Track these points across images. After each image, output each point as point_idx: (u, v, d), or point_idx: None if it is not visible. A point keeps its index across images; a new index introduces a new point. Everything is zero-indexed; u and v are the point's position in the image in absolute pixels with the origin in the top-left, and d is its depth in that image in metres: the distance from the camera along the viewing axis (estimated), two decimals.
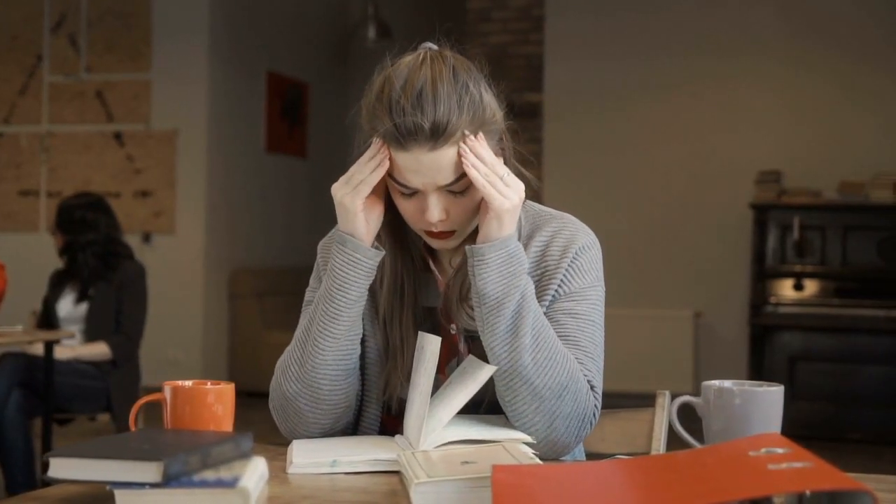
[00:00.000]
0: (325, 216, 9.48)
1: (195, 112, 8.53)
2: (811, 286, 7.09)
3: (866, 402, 6.83)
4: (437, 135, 1.64)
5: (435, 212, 1.69)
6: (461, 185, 1.69)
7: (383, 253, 1.74)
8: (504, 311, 1.65)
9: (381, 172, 1.68)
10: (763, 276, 7.14)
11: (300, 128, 9.85)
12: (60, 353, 4.68)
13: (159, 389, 1.56)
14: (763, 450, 1.17)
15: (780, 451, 1.16)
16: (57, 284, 5.04)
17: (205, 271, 8.58)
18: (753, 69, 7.81)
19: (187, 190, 8.54)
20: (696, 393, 1.56)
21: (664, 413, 2.07)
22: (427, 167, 1.66)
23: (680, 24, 7.97)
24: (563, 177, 8.03)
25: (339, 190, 1.72)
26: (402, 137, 1.64)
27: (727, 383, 1.49)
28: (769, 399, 1.46)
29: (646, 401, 2.09)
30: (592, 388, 1.72)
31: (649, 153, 8.00)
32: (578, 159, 8.09)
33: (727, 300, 7.78)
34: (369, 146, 1.71)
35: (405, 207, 1.73)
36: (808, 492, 1.14)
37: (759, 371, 6.98)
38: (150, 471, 1.25)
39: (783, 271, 7.13)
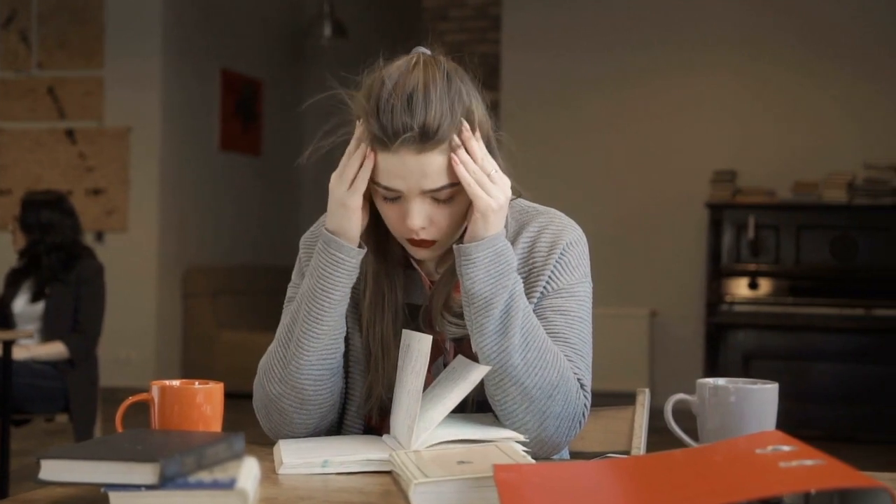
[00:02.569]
0: (279, 214, 9.41)
1: (148, 109, 8.45)
2: (765, 285, 7.15)
3: (820, 399, 6.90)
4: (426, 138, 1.61)
5: (416, 219, 1.66)
6: (446, 194, 1.66)
7: (365, 251, 1.71)
8: (493, 310, 1.63)
9: (370, 165, 1.65)
10: (718, 274, 7.20)
11: (254, 126, 9.79)
12: (17, 353, 4.60)
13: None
14: (769, 447, 1.16)
15: (786, 448, 1.16)
16: (13, 283, 4.96)
17: (158, 270, 8.51)
18: (708, 69, 7.86)
19: (140, 188, 8.46)
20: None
21: (644, 411, 2.07)
22: (412, 171, 1.63)
23: (634, 22, 7.99)
24: (518, 175, 8.01)
25: (337, 188, 1.68)
26: (389, 139, 1.61)
27: (721, 381, 1.49)
28: (764, 397, 1.46)
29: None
30: (582, 386, 1.71)
31: (605, 152, 8.03)
32: (534, 157, 8.09)
33: (683, 299, 7.82)
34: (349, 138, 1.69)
35: (388, 213, 1.70)
36: (813, 490, 1.14)
37: (714, 369, 7.03)
38: (145, 472, 1.23)
39: (738, 270, 7.18)
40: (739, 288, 7.15)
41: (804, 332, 7.01)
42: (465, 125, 1.66)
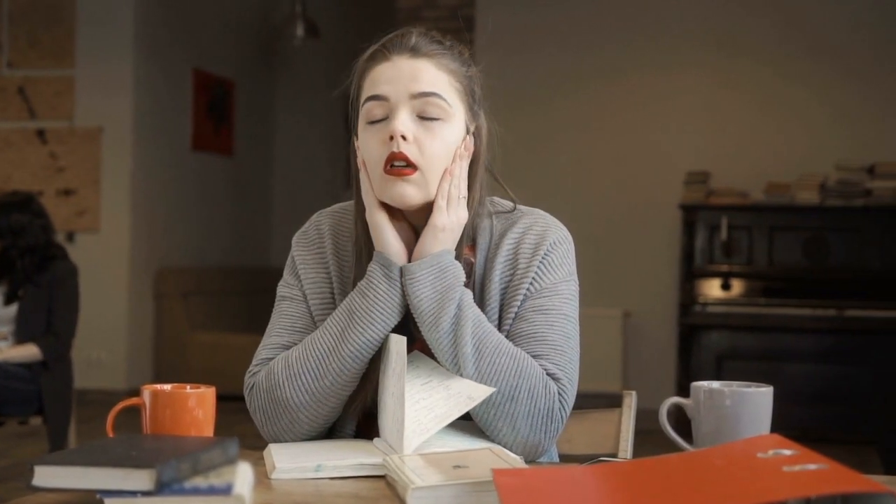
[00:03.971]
0: (251, 215, 9.32)
1: (120, 109, 8.40)
2: (738, 286, 7.17)
3: (793, 400, 6.91)
4: (419, 49, 1.71)
5: (401, 124, 1.67)
6: (434, 108, 1.70)
7: None
8: (442, 324, 1.65)
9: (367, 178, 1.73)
10: (691, 275, 7.21)
11: (226, 126, 9.74)
12: None
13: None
14: (770, 451, 1.16)
15: (787, 452, 1.16)
16: None
17: (129, 270, 8.45)
18: (681, 70, 7.87)
19: (112, 188, 8.41)
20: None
21: (631, 414, 2.07)
22: (403, 74, 1.69)
23: (608, 22, 7.99)
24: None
25: (367, 211, 1.75)
26: (387, 49, 1.71)
27: (716, 384, 1.48)
28: (759, 400, 1.46)
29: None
30: (557, 379, 1.69)
31: (578, 152, 8.03)
32: (506, 157, 8.08)
33: (656, 300, 7.83)
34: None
35: (371, 139, 1.71)
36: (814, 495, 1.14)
37: (687, 371, 7.05)
38: (141, 478, 1.21)
39: (711, 271, 7.20)
40: (712, 289, 7.17)
41: (777, 333, 7.03)
42: (470, 139, 1.76)
